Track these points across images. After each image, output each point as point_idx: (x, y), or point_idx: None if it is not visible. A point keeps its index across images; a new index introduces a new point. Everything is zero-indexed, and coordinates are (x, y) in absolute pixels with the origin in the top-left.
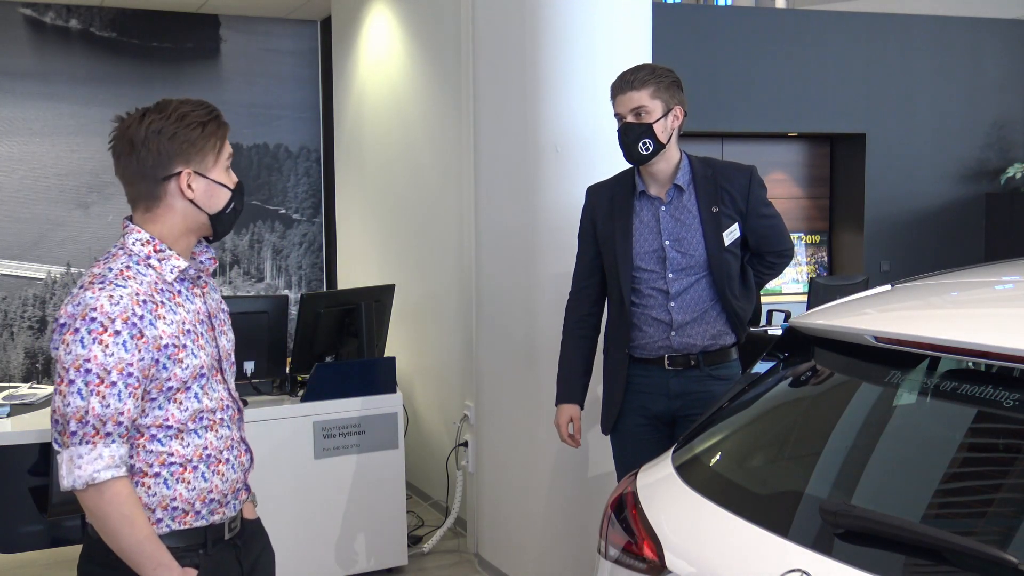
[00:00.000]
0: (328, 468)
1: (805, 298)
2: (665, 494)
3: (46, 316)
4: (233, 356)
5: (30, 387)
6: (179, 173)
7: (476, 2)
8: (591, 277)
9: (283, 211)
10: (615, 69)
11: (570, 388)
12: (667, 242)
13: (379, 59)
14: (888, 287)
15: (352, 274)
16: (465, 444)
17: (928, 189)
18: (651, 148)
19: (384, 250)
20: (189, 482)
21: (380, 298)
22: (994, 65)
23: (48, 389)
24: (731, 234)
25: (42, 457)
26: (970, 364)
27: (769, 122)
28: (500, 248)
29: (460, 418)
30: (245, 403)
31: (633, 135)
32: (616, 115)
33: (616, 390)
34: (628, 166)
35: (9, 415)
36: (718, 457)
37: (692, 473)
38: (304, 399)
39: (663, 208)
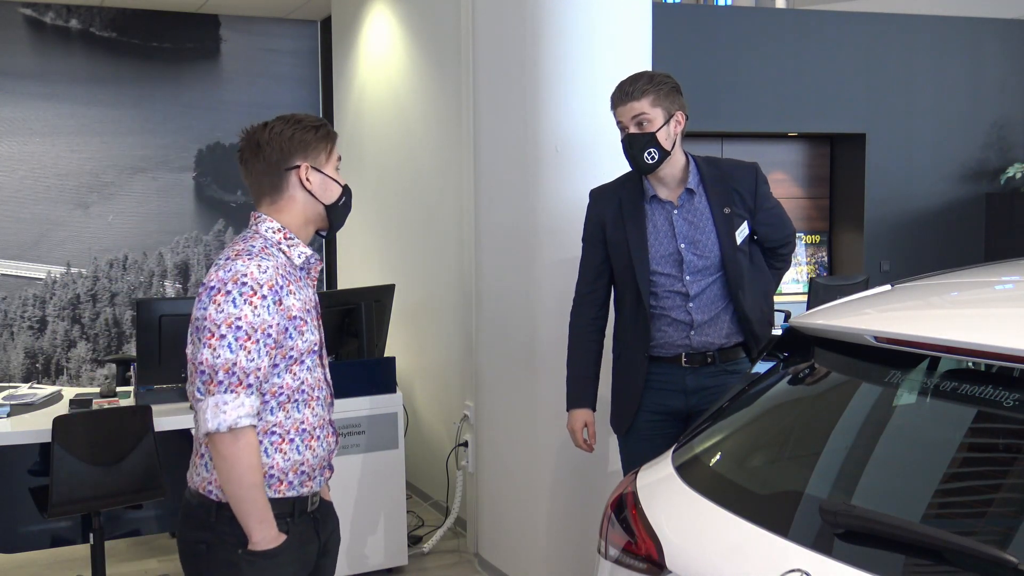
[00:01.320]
0: None
1: (805, 298)
2: (665, 494)
3: (46, 316)
4: (325, 349)
5: (30, 387)
6: (299, 166)
7: (476, 2)
8: (598, 280)
9: None
10: (615, 69)
11: (582, 392)
12: (682, 245)
13: (379, 59)
14: (888, 287)
15: (352, 274)
16: (465, 444)
17: (928, 189)
18: (656, 157)
19: (384, 250)
20: (285, 452)
21: (380, 298)
22: (994, 65)
23: (48, 389)
24: (741, 233)
25: (42, 457)
26: (970, 364)
27: (769, 122)
28: (500, 248)
29: (460, 418)
30: None
31: (638, 145)
32: (618, 124)
33: (633, 391)
34: (622, 167)
35: (9, 415)
36: (718, 457)
37: (692, 473)
38: None
39: (675, 212)
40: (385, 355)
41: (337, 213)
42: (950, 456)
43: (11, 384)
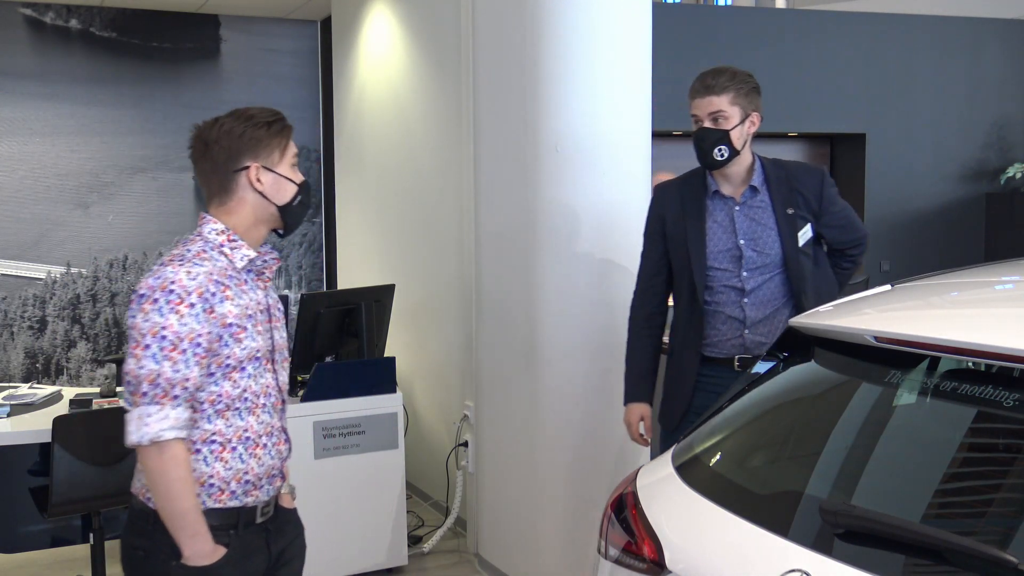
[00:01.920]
0: (328, 468)
1: None
2: (665, 494)
3: (46, 316)
4: (287, 352)
5: (30, 387)
6: (248, 167)
7: (476, 2)
8: (658, 275)
9: None
10: (615, 69)
11: (640, 387)
12: (742, 241)
13: (379, 59)
14: (888, 287)
15: (352, 274)
16: (465, 444)
17: (928, 189)
18: (726, 155)
19: (384, 250)
20: (227, 461)
21: (380, 298)
22: (994, 65)
23: (48, 389)
24: (804, 235)
25: (42, 457)
26: (970, 364)
27: (769, 122)
28: (500, 248)
29: (460, 418)
30: None
31: (709, 141)
32: (692, 116)
33: (684, 389)
34: (633, 167)
35: (9, 415)
36: (718, 457)
37: (692, 473)
38: (304, 399)
39: (737, 208)
40: (385, 355)
41: (292, 213)
42: (950, 456)
43: (11, 384)
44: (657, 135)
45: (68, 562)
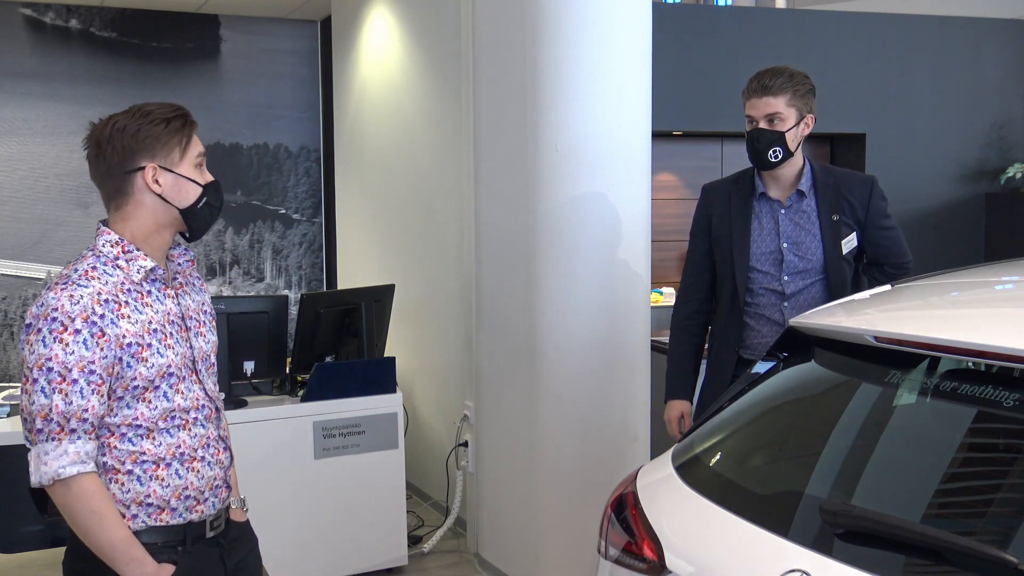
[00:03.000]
0: (328, 468)
1: None
2: (665, 494)
3: None
4: (213, 357)
5: None
6: (143, 167)
7: (476, 2)
8: (702, 274)
9: (283, 211)
10: (615, 69)
11: (681, 384)
12: (785, 245)
13: (379, 59)
14: (888, 287)
15: (352, 274)
16: (465, 444)
17: (928, 189)
18: (780, 156)
19: (384, 250)
20: (163, 479)
21: (380, 298)
22: (994, 65)
23: None
24: (849, 243)
25: None
26: (970, 364)
27: None
28: (500, 248)
29: (460, 418)
30: (245, 402)
31: (765, 142)
32: (747, 116)
33: (720, 390)
34: (633, 167)
35: (9, 415)
36: (718, 457)
37: (692, 473)
38: (304, 399)
39: (783, 211)
40: (385, 355)
41: (196, 216)
42: (950, 456)
43: (11, 384)
44: (657, 135)
45: None
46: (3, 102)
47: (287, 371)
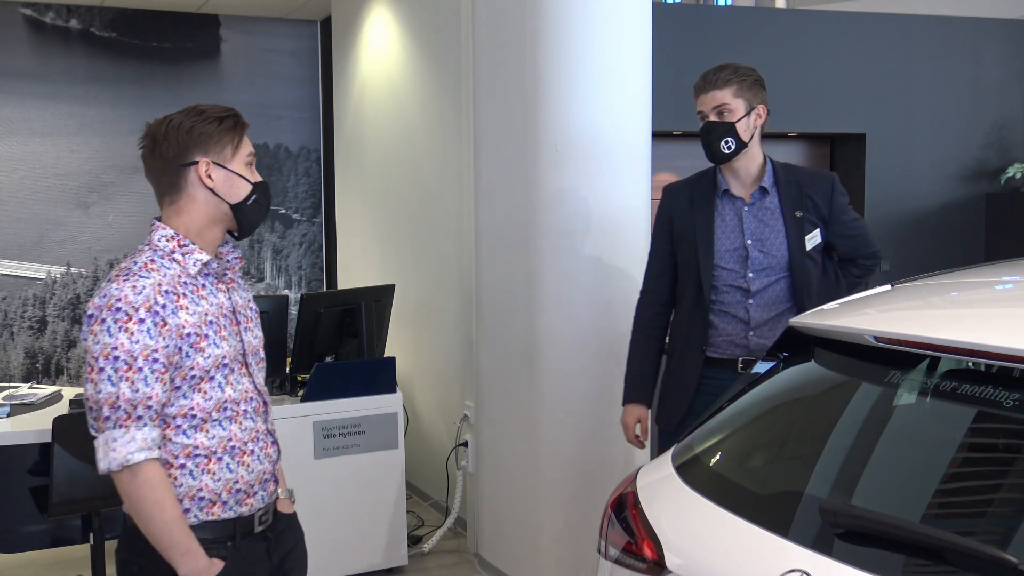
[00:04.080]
0: (328, 468)
1: None
2: (665, 494)
3: (46, 316)
4: (262, 352)
5: (30, 387)
6: (197, 162)
7: (476, 2)
8: (663, 276)
9: (283, 211)
10: (615, 69)
11: (639, 388)
12: (749, 241)
13: (379, 59)
14: (888, 287)
15: (352, 274)
16: (465, 444)
17: (928, 189)
18: (733, 147)
19: (384, 250)
20: (214, 473)
21: (380, 298)
22: (994, 65)
23: (49, 389)
24: (812, 239)
25: (42, 457)
26: (970, 364)
27: (769, 122)
28: (500, 248)
29: (460, 418)
30: None
31: (716, 134)
32: (698, 113)
33: (686, 390)
34: (633, 167)
35: (9, 415)
36: (718, 457)
37: (692, 473)
38: (304, 399)
39: (746, 208)
40: (385, 355)
41: (246, 213)
42: (950, 456)
43: (11, 384)
44: (657, 135)
45: (68, 562)
46: (3, 102)
47: (287, 371)
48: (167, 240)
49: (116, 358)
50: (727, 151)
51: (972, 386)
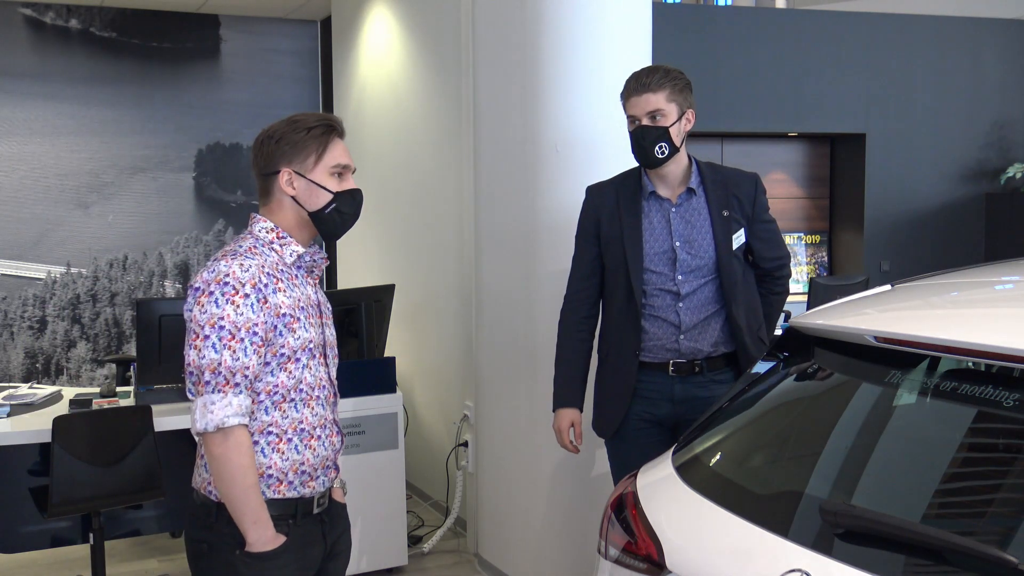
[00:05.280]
0: None
1: (805, 298)
2: (665, 494)
3: (46, 316)
4: (336, 348)
5: (30, 387)
6: (279, 171)
7: (476, 2)
8: (590, 278)
9: None
10: (615, 69)
11: (571, 392)
12: (677, 243)
13: (379, 59)
14: (888, 287)
15: (352, 274)
16: (465, 444)
17: (928, 189)
18: (667, 152)
19: (384, 250)
20: (283, 452)
21: (380, 298)
22: (994, 65)
23: (49, 389)
24: (738, 238)
25: (42, 457)
26: (970, 364)
27: (769, 122)
28: (500, 248)
29: (460, 418)
30: None
31: (650, 138)
32: (630, 117)
33: (622, 396)
34: (630, 165)
35: (9, 415)
36: (718, 457)
37: (692, 473)
38: None
39: (673, 209)
40: (385, 355)
41: (324, 221)
42: (950, 456)
43: (11, 384)
44: None
45: (68, 562)
46: (3, 102)
47: None
48: (267, 232)
49: (222, 327)
50: (660, 156)
51: (972, 386)
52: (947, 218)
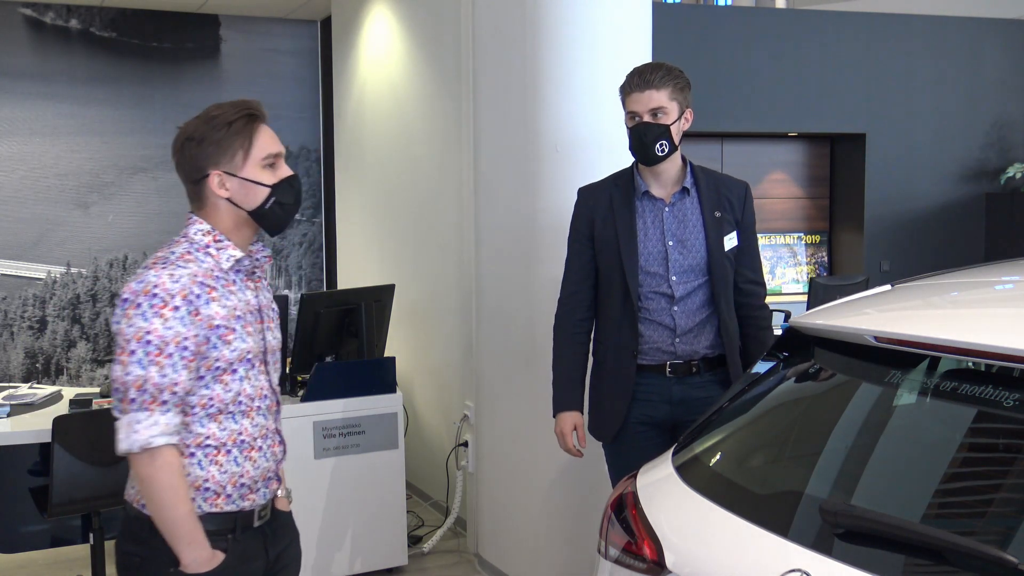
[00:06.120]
0: (328, 468)
1: (805, 298)
2: (665, 494)
3: (46, 316)
4: (279, 354)
5: (30, 387)
6: (208, 175)
7: (476, 2)
8: (585, 281)
9: None
10: (615, 69)
11: (571, 395)
12: (671, 243)
13: (379, 59)
14: (888, 287)
15: (352, 274)
16: (465, 444)
17: (928, 189)
18: (667, 149)
19: (384, 250)
20: (221, 465)
21: (380, 298)
22: (994, 65)
23: (48, 389)
24: (730, 240)
25: (42, 457)
26: (970, 364)
27: (769, 122)
28: (500, 248)
29: (460, 418)
30: None
31: (652, 136)
32: (630, 113)
33: (621, 399)
34: (622, 166)
35: (9, 415)
36: (718, 457)
37: (692, 473)
38: (304, 399)
39: (667, 209)
40: (385, 355)
41: (266, 216)
42: (950, 456)
43: (11, 384)
44: None
45: (68, 562)
46: (3, 102)
47: (287, 371)
48: (203, 234)
49: (148, 342)
50: (660, 154)
51: (972, 386)
52: (947, 218)
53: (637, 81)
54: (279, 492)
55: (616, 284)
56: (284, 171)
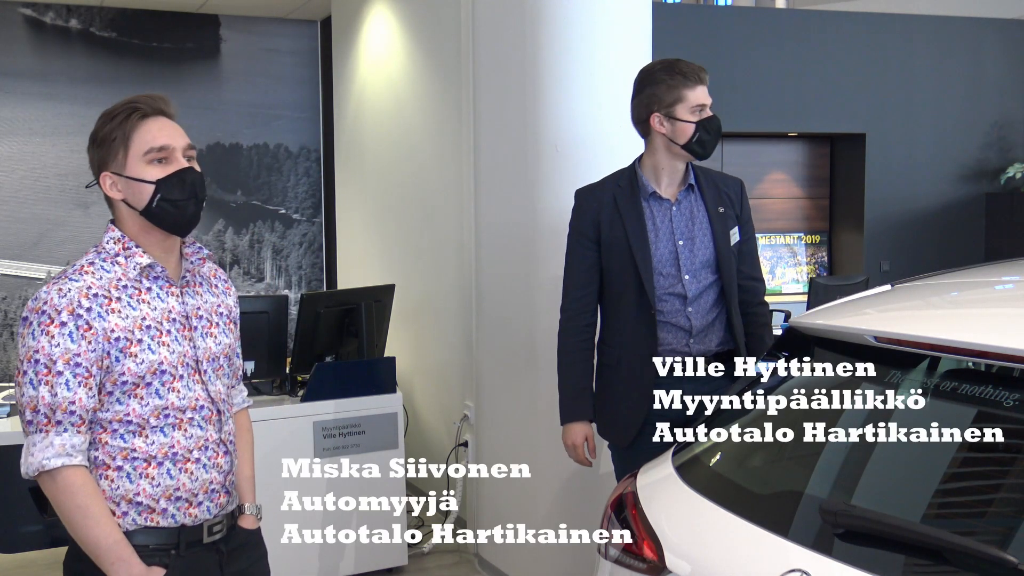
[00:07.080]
0: (328, 468)
1: (805, 298)
2: (665, 494)
3: None
4: (223, 360)
5: None
6: (101, 177)
7: (476, 2)
8: (590, 284)
9: (283, 211)
10: (615, 69)
11: (581, 405)
12: (680, 242)
13: (379, 59)
14: (888, 287)
15: (352, 274)
16: (465, 444)
17: (928, 189)
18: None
19: (384, 250)
20: (153, 478)
21: (380, 298)
22: (994, 65)
23: None
24: (734, 235)
25: None
26: (970, 364)
27: (769, 122)
28: (500, 248)
29: (460, 418)
30: None
31: (714, 129)
32: (697, 106)
33: (640, 403)
34: (623, 166)
35: (9, 415)
36: (718, 457)
37: (692, 473)
38: (304, 399)
39: (674, 208)
40: (385, 355)
41: (156, 216)
42: (950, 456)
43: (11, 384)
44: None
45: None
46: (3, 102)
47: (287, 371)
48: (114, 243)
49: (37, 361)
50: (713, 149)
51: (972, 386)
52: (947, 218)
53: (700, 74)
54: (246, 509)
55: (629, 287)
56: (177, 165)
